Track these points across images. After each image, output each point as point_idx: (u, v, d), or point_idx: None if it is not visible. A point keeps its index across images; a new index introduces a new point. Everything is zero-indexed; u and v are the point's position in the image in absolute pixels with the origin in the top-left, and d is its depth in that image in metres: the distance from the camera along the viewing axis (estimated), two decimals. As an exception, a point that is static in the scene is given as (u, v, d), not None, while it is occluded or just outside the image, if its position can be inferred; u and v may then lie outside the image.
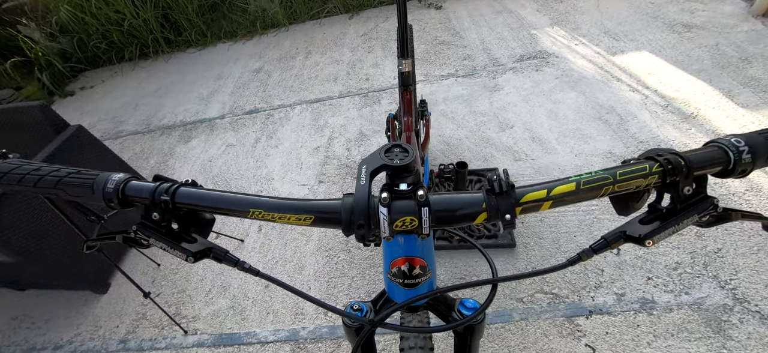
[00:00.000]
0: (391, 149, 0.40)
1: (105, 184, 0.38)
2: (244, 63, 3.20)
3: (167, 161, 2.33)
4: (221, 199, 0.38)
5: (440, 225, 0.36)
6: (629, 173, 0.33)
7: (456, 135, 1.92)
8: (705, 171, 0.34)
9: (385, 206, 0.35)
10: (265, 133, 2.32)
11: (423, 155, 1.17)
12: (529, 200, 0.34)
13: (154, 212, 0.38)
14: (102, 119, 2.98)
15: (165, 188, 0.38)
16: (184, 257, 0.39)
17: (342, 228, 0.36)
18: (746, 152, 0.32)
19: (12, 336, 1.54)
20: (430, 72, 2.45)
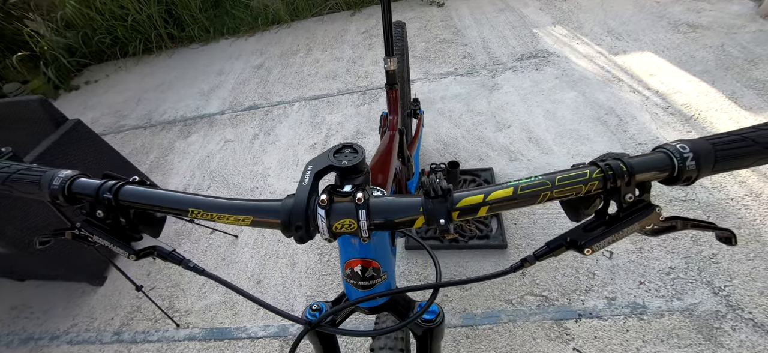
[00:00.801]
0: (342, 149, 0.39)
1: (51, 181, 0.39)
2: (246, 59, 3.21)
3: (166, 156, 2.35)
4: (161, 197, 0.38)
5: (379, 228, 0.36)
6: (568, 179, 0.33)
7: (452, 134, 1.91)
8: (648, 178, 0.33)
9: (323, 208, 0.34)
10: (263, 129, 2.34)
11: (408, 153, 1.17)
12: (466, 205, 0.34)
13: (99, 209, 0.39)
14: (105, 113, 3.02)
15: (109, 186, 0.38)
16: (127, 255, 0.40)
17: (281, 229, 0.36)
18: (690, 158, 0.31)
19: (11, 326, 1.58)
20: (429, 70, 2.44)
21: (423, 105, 2.15)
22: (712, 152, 0.31)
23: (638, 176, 0.32)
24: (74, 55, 3.72)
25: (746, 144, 0.31)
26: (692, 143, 0.32)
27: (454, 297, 1.27)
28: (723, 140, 0.32)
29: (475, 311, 1.22)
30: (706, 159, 0.31)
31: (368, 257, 0.45)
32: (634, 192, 0.33)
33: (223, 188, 1.98)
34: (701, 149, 0.31)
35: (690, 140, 0.32)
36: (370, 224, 0.35)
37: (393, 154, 0.87)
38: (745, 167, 0.32)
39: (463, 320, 1.21)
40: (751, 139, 0.31)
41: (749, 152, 0.31)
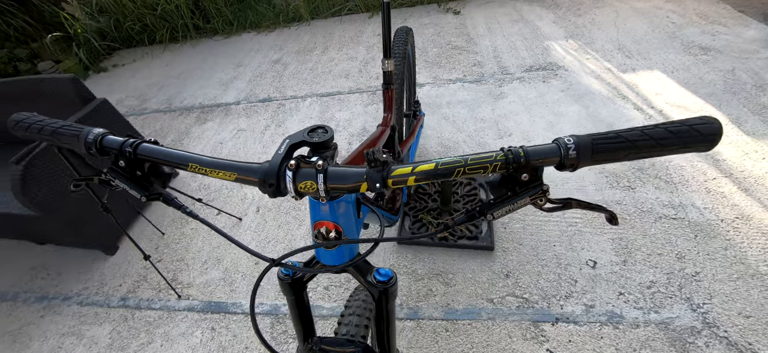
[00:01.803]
0: (316, 129, 0.48)
1: (87, 135, 0.49)
2: (264, 53, 3.35)
3: (182, 139, 2.49)
4: (168, 154, 0.48)
5: (334, 190, 0.44)
6: (478, 160, 0.40)
7: (454, 138, 1.97)
8: (541, 163, 0.40)
9: (291, 171, 0.43)
10: (274, 121, 2.45)
11: (400, 150, 1.23)
12: (398, 175, 0.42)
13: (121, 160, 0.48)
14: (129, 95, 3.20)
15: (130, 142, 0.48)
16: (139, 197, 0.49)
17: (258, 185, 0.45)
18: (572, 149, 0.38)
19: (29, 284, 1.72)
20: (438, 75, 2.50)
21: (429, 108, 2.21)
22: (591, 145, 0.38)
23: (533, 161, 0.40)
24: (105, 39, 3.94)
25: (619, 141, 0.37)
26: (577, 138, 0.39)
27: (438, 292, 1.33)
28: (602, 136, 0.38)
29: (457, 306, 1.28)
30: (585, 151, 0.38)
31: (331, 221, 0.53)
32: (529, 173, 0.40)
33: (231, 174, 2.09)
34: (583, 143, 0.38)
35: (577, 135, 0.39)
36: (327, 187, 0.43)
37: (376, 146, 0.94)
38: (620, 160, 0.39)
39: (444, 314, 1.27)
40: (624, 137, 0.38)
41: (621, 147, 0.37)
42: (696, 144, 0.37)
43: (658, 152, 0.38)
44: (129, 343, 1.42)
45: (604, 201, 1.49)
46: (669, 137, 0.37)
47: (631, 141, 0.37)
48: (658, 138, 0.37)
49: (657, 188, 1.50)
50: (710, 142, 0.37)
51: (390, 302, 0.61)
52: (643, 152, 0.37)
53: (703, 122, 0.37)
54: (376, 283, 0.58)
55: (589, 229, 1.41)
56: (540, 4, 3.06)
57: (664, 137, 0.37)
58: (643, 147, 0.37)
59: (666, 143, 0.37)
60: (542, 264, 1.33)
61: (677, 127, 0.37)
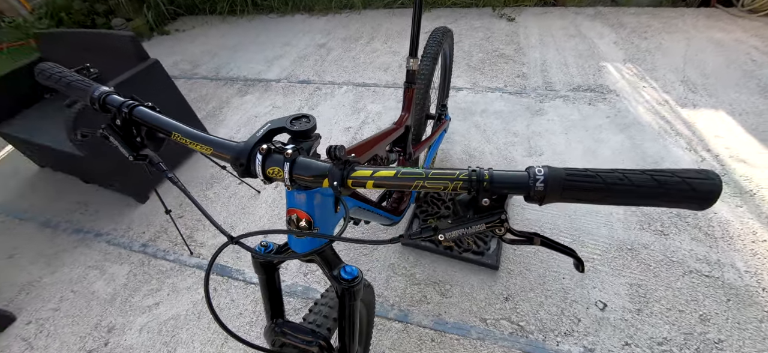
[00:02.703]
0: (300, 118, 0.50)
1: (93, 92, 0.55)
2: (312, 37, 3.46)
3: (222, 108, 2.66)
4: (158, 119, 0.52)
5: (299, 180, 0.45)
6: (439, 176, 0.39)
7: (481, 149, 1.92)
8: (505, 190, 0.38)
9: (261, 155, 0.45)
10: (308, 103, 2.53)
11: (412, 151, 1.23)
12: (357, 176, 0.42)
13: (118, 119, 0.53)
14: (184, 59, 3.46)
15: (127, 104, 0.53)
16: (127, 155, 0.54)
17: (230, 162, 0.47)
18: (541, 181, 0.36)
19: (70, 216, 1.94)
20: (478, 82, 2.45)
21: (461, 115, 2.18)
22: (561, 180, 0.35)
23: (497, 187, 0.38)
24: (172, 4, 4.28)
25: (594, 181, 0.35)
26: (549, 170, 0.36)
27: (432, 300, 1.32)
28: (576, 173, 0.36)
29: (448, 318, 1.26)
30: (554, 185, 0.35)
31: (303, 210, 0.55)
32: (490, 198, 0.39)
33: (259, 147, 2.20)
34: (553, 176, 0.35)
35: (551, 167, 0.37)
36: (292, 176, 0.45)
37: (380, 143, 0.95)
38: (593, 202, 0.36)
39: (433, 323, 1.26)
40: (601, 178, 0.35)
41: (596, 189, 0.34)
42: (686, 201, 0.33)
43: (639, 201, 0.34)
44: (141, 286, 1.56)
45: (629, 242, 1.39)
46: (654, 188, 0.33)
47: (607, 184, 0.34)
48: (640, 186, 0.34)
49: (694, 240, 1.36)
50: (703, 201, 0.33)
51: (353, 301, 0.62)
52: (621, 199, 0.34)
53: (699, 177, 0.33)
54: (341, 279, 0.59)
55: (606, 268, 1.32)
56: (603, 21, 2.87)
57: (648, 186, 0.33)
58: (622, 193, 0.34)
59: (649, 194, 0.33)
60: (546, 295, 1.28)
61: (667, 177, 0.33)
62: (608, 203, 0.35)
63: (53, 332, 1.48)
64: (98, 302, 1.55)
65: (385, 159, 1.04)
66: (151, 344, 1.37)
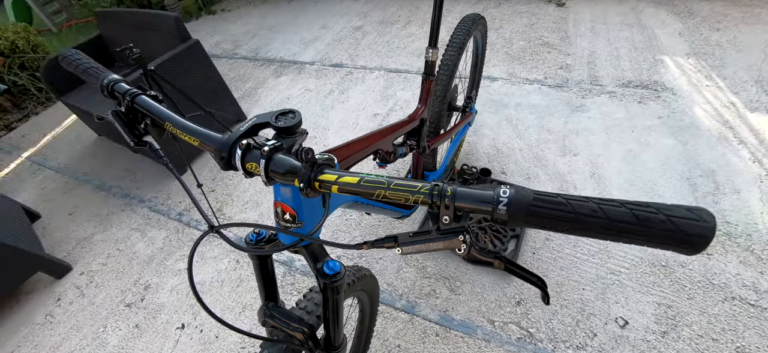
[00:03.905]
0: (285, 113, 0.51)
1: (104, 79, 0.60)
2: (349, 19, 3.48)
3: (258, 89, 2.78)
4: (155, 109, 0.56)
5: (274, 175, 0.46)
6: (401, 187, 0.39)
7: (510, 145, 1.85)
8: (468, 209, 0.37)
9: (241, 150, 0.47)
10: (339, 87, 2.57)
11: (427, 145, 1.22)
12: (324, 180, 0.42)
13: (122, 106, 0.58)
14: (226, 39, 3.64)
15: (131, 92, 0.58)
16: (129, 140, 0.59)
17: (213, 153, 0.50)
18: (503, 203, 0.34)
19: (118, 182, 2.16)
20: (515, 72, 2.34)
21: (493, 107, 2.10)
22: (527, 205, 0.33)
23: (459, 204, 0.37)
24: (220, -15, 4.49)
25: (563, 210, 0.32)
26: (516, 190, 0.34)
27: (441, 295, 1.32)
28: (545, 198, 0.33)
29: (455, 315, 1.26)
30: (518, 209, 0.33)
31: (287, 204, 0.57)
32: (451, 216, 0.38)
33: (289, 129, 2.29)
34: (518, 199, 0.33)
35: (519, 189, 0.34)
36: (268, 172, 0.46)
37: (386, 137, 0.95)
38: (561, 231, 0.33)
39: (439, 318, 1.26)
40: (571, 207, 0.32)
41: (564, 218, 0.32)
42: (671, 243, 0.29)
43: (615, 237, 0.31)
44: (175, 251, 1.71)
45: (665, 258, 1.29)
46: (633, 224, 0.30)
47: (577, 214, 0.31)
48: (616, 220, 0.30)
49: (743, 263, 1.23)
50: (691, 245, 0.29)
51: (336, 295, 0.64)
52: (593, 233, 0.31)
53: (688, 217, 0.29)
54: (323, 274, 0.61)
55: (632, 284, 1.24)
56: (670, 9, 2.59)
57: (625, 222, 0.30)
58: (594, 227, 0.31)
59: (627, 231, 0.30)
60: (562, 304, 1.23)
61: (649, 213, 0.30)
62: (579, 234, 0.32)
63: (100, 283, 1.68)
64: (138, 261, 1.73)
65: (391, 153, 1.04)
66: (179, 304, 1.51)
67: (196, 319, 1.45)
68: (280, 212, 0.57)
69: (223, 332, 1.39)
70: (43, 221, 2.07)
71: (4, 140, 2.95)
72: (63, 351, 1.46)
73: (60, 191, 2.27)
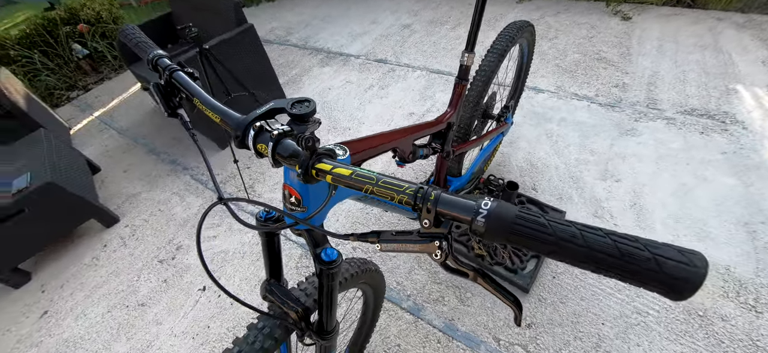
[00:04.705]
0: (301, 101, 0.52)
1: (150, 53, 0.66)
2: (399, 16, 3.50)
3: (302, 76, 2.89)
4: (187, 84, 0.61)
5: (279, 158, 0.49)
6: (388, 185, 0.40)
7: (546, 161, 1.77)
8: (449, 216, 0.36)
9: (254, 131, 0.50)
10: (380, 83, 2.60)
11: (452, 150, 1.20)
12: (320, 168, 0.44)
13: (161, 79, 0.64)
14: (280, 26, 3.81)
15: (170, 68, 0.63)
16: (163, 111, 0.64)
17: (231, 131, 0.53)
18: (482, 216, 0.33)
19: (167, 148, 2.36)
20: (564, 86, 2.22)
21: (534, 120, 2.02)
22: (509, 222, 0.32)
23: (440, 210, 0.37)
24: (282, -26, 4.70)
25: (545, 231, 0.31)
26: (499, 205, 0.33)
27: (449, 303, 1.30)
28: (528, 217, 0.32)
29: (460, 326, 1.24)
30: (498, 225, 0.32)
31: (293, 188, 0.60)
32: (431, 220, 0.38)
33: (324, 119, 2.36)
34: (500, 214, 0.32)
35: (502, 204, 0.33)
36: (274, 155, 0.49)
37: (407, 135, 0.95)
38: (540, 253, 0.32)
39: (444, 326, 1.25)
40: (551, 230, 0.31)
41: (544, 240, 0.31)
42: (654, 284, 0.27)
43: (594, 268, 0.30)
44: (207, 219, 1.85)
45: (703, 307, 1.17)
46: (614, 258, 0.28)
47: (558, 238, 0.30)
48: (596, 250, 0.29)
49: (800, 328, 1.09)
50: (675, 290, 0.27)
51: (331, 281, 0.65)
52: (572, 259, 0.30)
53: (677, 259, 0.27)
54: (320, 259, 0.63)
55: (660, 328, 1.14)
56: (755, 33, 2.32)
57: (606, 253, 0.29)
58: (572, 254, 0.30)
59: (607, 264, 0.29)
60: (576, 336, 1.16)
61: (634, 248, 0.28)
62: (558, 259, 0.31)
63: (141, 237, 1.86)
64: (175, 223, 1.89)
65: (410, 153, 1.04)
66: (202, 271, 1.63)
67: (216, 284, 1.56)
68: (287, 195, 0.60)
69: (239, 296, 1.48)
70: (102, 175, 2.32)
71: (80, 99, 3.34)
72: (102, 292, 1.64)
73: (120, 150, 2.53)
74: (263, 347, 0.68)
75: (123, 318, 1.53)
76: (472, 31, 1.09)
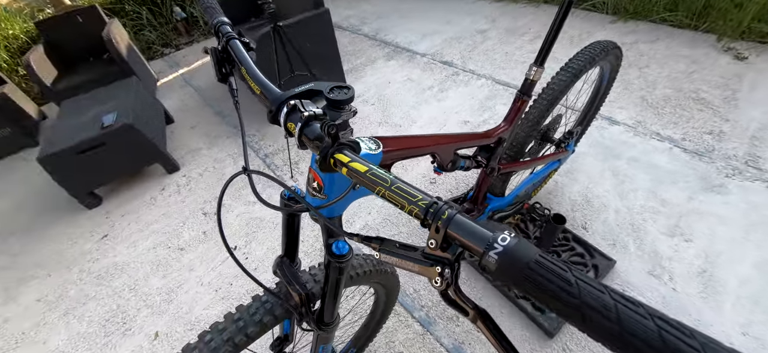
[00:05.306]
0: (341, 87, 0.52)
1: (216, 18, 0.69)
2: (475, 20, 3.39)
3: (366, 67, 2.94)
4: (237, 53, 0.62)
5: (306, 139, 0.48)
6: (401, 191, 0.37)
7: (605, 200, 1.60)
8: (459, 242, 0.33)
9: (287, 108, 0.51)
10: (440, 86, 2.55)
11: (498, 166, 1.12)
12: (338, 159, 0.43)
13: (219, 45, 0.67)
14: (355, 15, 3.91)
15: (227, 35, 0.65)
16: (215, 75, 0.67)
17: (266, 105, 0.54)
18: (494, 252, 0.29)
19: (231, 112, 2.55)
20: (645, 122, 1.99)
21: (601, 153, 1.84)
22: (524, 264, 0.27)
23: (450, 231, 0.33)
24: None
25: (569, 290, 0.25)
26: (518, 243, 0.29)
27: (462, 325, 1.24)
28: (551, 266, 0.27)
29: (468, 350, 1.17)
30: (511, 266, 0.28)
31: (317, 173, 0.60)
32: (438, 241, 0.34)
33: (378, 112, 2.38)
34: (517, 253, 0.28)
35: (522, 242, 0.29)
36: (300, 134, 0.49)
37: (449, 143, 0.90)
38: (557, 313, 0.27)
39: (452, 346, 1.19)
40: (579, 289, 0.25)
41: (566, 301, 0.25)
42: None
43: (623, 348, 0.24)
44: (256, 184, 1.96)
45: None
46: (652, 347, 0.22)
47: (583, 303, 0.25)
48: (630, 331, 0.23)
49: None
50: None
51: (337, 275, 0.64)
52: (598, 335, 0.24)
53: None
54: (331, 251, 0.62)
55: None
56: None
57: (642, 339, 0.23)
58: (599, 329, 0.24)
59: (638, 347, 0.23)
60: (598, 400, 1.04)
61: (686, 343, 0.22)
62: (581, 329, 0.25)
63: (193, 188, 2.04)
64: (223, 181, 2.04)
65: (450, 162, 0.99)
66: (239, 230, 1.74)
67: (246, 247, 1.65)
68: (311, 179, 0.59)
69: (262, 265, 1.56)
70: (173, 126, 2.58)
71: (171, 57, 3.75)
72: (152, 229, 1.83)
73: (193, 107, 2.79)
74: (262, 321, 0.69)
75: (163, 257, 1.69)
76: (545, 44, 1.00)
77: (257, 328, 0.68)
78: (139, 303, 1.54)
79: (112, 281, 1.65)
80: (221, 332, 0.66)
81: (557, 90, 1.18)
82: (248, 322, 0.68)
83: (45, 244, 1.91)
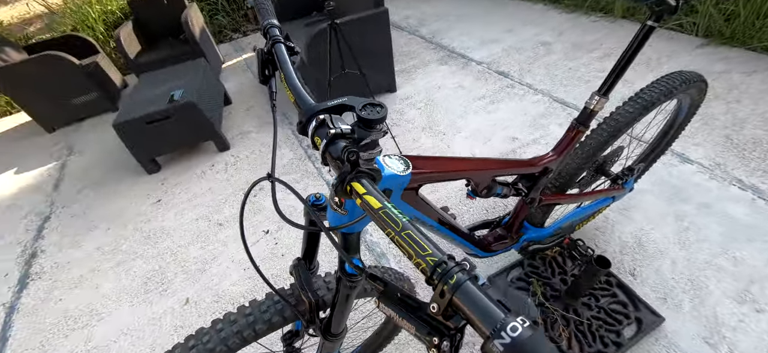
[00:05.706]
0: (373, 105, 0.48)
1: (265, 20, 0.70)
2: (539, 31, 3.20)
3: (418, 69, 2.90)
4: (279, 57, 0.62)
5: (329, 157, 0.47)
6: (411, 239, 0.34)
7: (662, 247, 1.43)
8: (464, 316, 0.30)
9: (316, 122, 0.50)
10: (492, 98, 2.44)
11: (539, 197, 1.03)
12: (354, 187, 0.41)
13: (265, 47, 0.68)
14: (414, 16, 3.88)
15: (274, 38, 0.65)
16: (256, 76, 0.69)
17: (299, 115, 0.53)
18: (504, 341, 0.26)
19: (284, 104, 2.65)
20: (726, 165, 1.74)
21: (666, 194, 1.64)
22: None
23: (457, 299, 0.30)
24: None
25: None
26: (532, 337, 0.25)
27: (478, 341, 1.18)
28: None
29: None
30: None
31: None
32: (441, 307, 0.32)
33: (424, 117, 2.34)
34: (528, 350, 0.25)
35: (538, 336, 0.26)
36: (323, 152, 0.48)
37: (488, 169, 0.84)
38: None
39: (462, 375, 1.14)
40: None
41: None
42: None
43: None
44: (292, 172, 2.04)
45: None
46: None
47: None
48: None
49: None
50: None
51: (347, 291, 0.63)
52: None
53: None
54: (342, 266, 0.60)
55: None
56: None
57: None
58: None
59: None
60: None
61: None
62: None
63: (239, 168, 2.16)
64: (267, 166, 2.13)
65: (486, 188, 0.92)
66: (272, 214, 1.81)
67: (277, 232, 1.72)
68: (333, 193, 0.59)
69: (290, 252, 1.61)
70: (230, 107, 2.75)
71: (238, 42, 4.00)
72: (198, 201, 1.97)
73: (250, 92, 2.96)
74: (271, 321, 0.69)
75: (203, 229, 1.81)
76: (614, 72, 0.90)
77: (266, 326, 0.69)
78: (177, 268, 1.66)
79: (158, 243, 1.80)
80: (232, 323, 0.68)
81: (622, 122, 1.05)
82: (258, 319, 0.69)
83: (110, 200, 2.14)
